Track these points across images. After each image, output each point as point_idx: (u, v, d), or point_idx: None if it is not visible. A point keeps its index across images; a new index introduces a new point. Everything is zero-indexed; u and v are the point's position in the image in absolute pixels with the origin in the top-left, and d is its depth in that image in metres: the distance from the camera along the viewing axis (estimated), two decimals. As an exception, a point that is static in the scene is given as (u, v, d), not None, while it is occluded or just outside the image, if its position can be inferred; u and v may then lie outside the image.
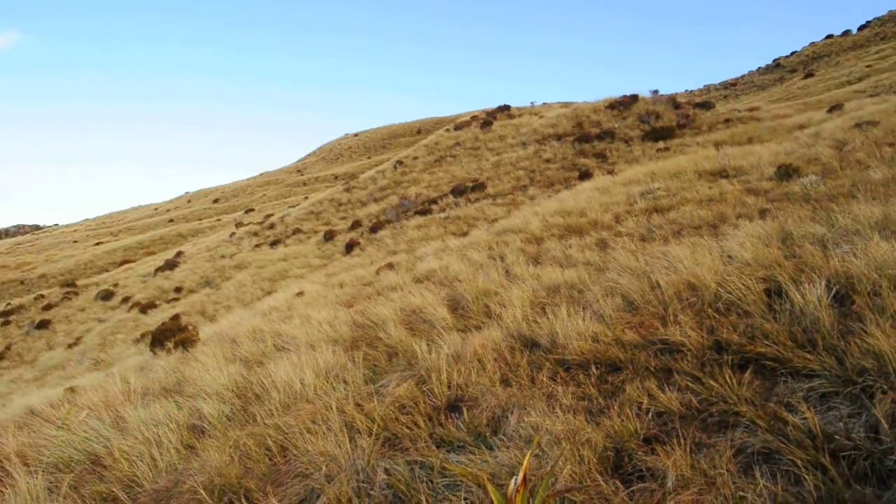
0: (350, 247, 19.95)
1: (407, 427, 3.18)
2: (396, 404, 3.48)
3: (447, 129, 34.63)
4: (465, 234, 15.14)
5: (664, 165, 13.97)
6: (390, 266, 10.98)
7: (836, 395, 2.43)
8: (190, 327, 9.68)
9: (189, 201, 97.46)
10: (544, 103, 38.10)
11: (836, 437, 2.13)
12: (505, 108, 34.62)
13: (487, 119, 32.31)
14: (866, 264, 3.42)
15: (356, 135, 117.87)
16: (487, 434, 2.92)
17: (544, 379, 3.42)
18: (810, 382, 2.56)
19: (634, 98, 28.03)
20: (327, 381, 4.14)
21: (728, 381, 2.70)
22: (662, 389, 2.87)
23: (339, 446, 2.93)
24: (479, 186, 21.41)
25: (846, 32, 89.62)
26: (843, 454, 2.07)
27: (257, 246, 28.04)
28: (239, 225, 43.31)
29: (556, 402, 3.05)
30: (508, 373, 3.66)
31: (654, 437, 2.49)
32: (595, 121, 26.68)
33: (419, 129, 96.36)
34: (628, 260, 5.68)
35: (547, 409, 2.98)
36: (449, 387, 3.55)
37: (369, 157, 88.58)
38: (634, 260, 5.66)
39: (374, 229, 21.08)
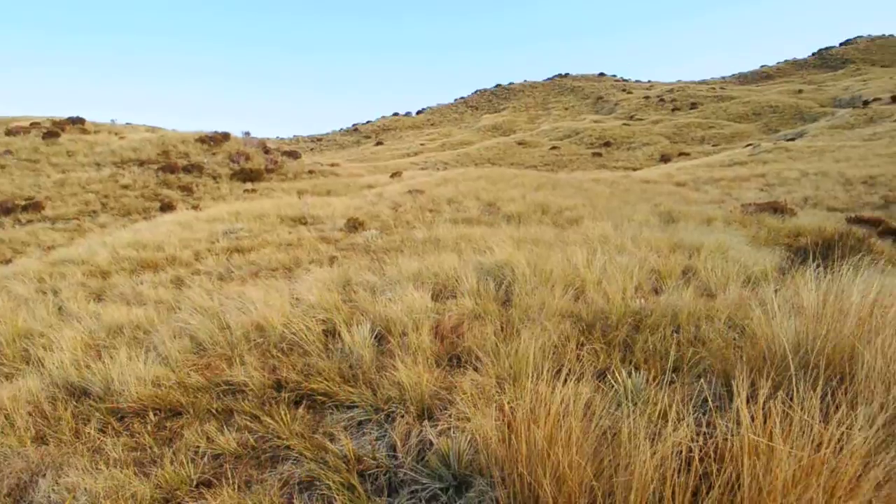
0: None
1: None
2: None
3: (-7, 133, 28.34)
4: (8, 261, 12.55)
5: (250, 206, 14.26)
6: None
7: (369, 422, 2.85)
8: None
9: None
10: (128, 123, 34.75)
11: (366, 458, 2.50)
12: (78, 121, 30.30)
13: (54, 129, 27.72)
14: (401, 309, 4.13)
15: None
16: (8, 505, 2.45)
17: (92, 432, 3.07)
18: (351, 412, 2.94)
19: (226, 136, 27.98)
20: None
21: (283, 417, 2.89)
22: (222, 431, 2.89)
23: None
24: (34, 206, 18.08)
25: (408, 113, 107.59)
26: (369, 472, 2.43)
27: None
28: None
29: (102, 457, 2.76)
30: (46, 428, 3.16)
31: (206, 482, 2.48)
32: (184, 152, 25.60)
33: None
34: (203, 299, 5.58)
35: (90, 465, 2.67)
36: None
37: None
38: (209, 300, 5.59)
39: None
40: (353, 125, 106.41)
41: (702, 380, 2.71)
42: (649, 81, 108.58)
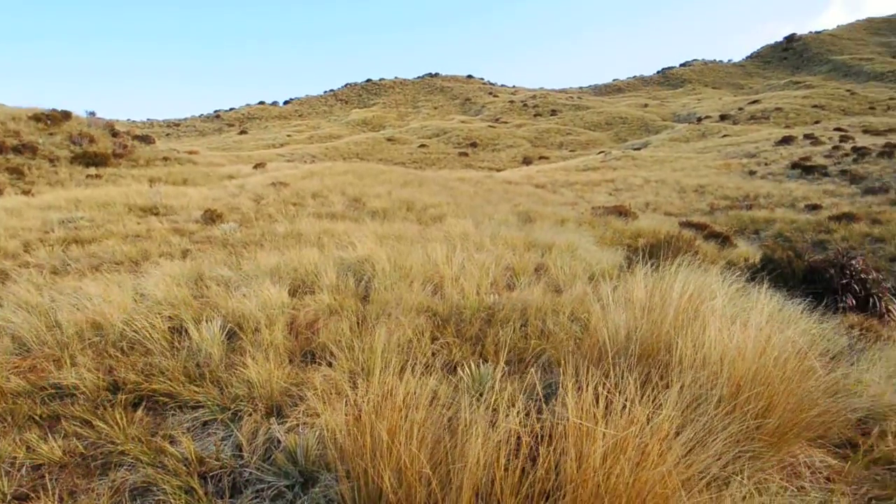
0: None
1: None
2: None
3: None
4: None
5: (93, 194, 13.07)
6: None
7: (215, 422, 2.74)
8: None
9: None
10: (-59, 95, 30.35)
11: (209, 459, 2.40)
12: None
13: None
14: (256, 305, 4.00)
15: None
16: None
17: None
18: (196, 413, 2.81)
19: (67, 115, 25.33)
20: None
21: (119, 421, 2.69)
22: (45, 439, 2.63)
23: None
24: None
25: (275, 103, 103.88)
26: (212, 474, 2.34)
27: None
28: None
29: None
30: None
31: (22, 496, 2.25)
32: (14, 130, 22.80)
33: None
34: (30, 295, 5.03)
35: None
36: None
37: None
38: (38, 295, 5.06)
39: None
40: (216, 112, 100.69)
41: (544, 369, 2.89)
42: (514, 87, 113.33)
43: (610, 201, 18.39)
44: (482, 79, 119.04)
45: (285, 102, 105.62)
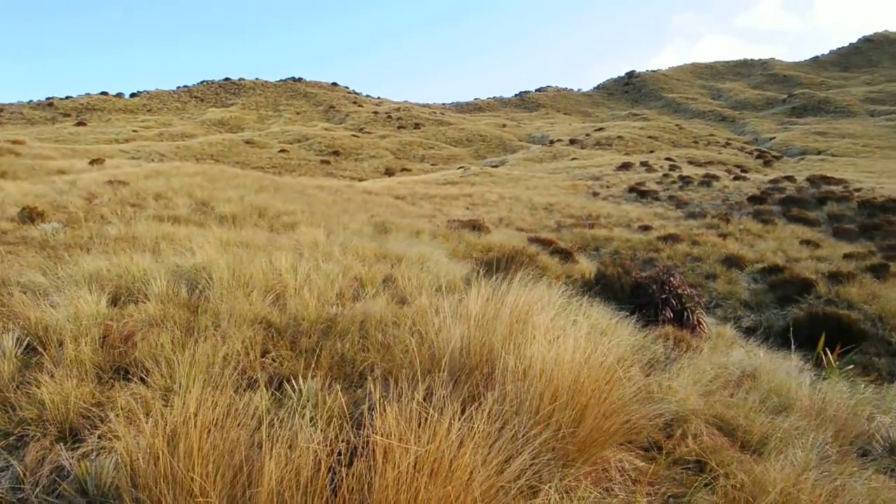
0: None
1: None
2: None
3: None
4: None
5: None
6: None
7: (-7, 450, 2.39)
8: None
9: None
10: None
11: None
12: None
13: None
14: (65, 316, 3.59)
15: None
16: None
17: None
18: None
19: None
20: None
21: None
22: None
23: None
24: None
25: (120, 94, 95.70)
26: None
27: None
28: None
29: None
30: None
31: None
32: None
33: None
34: None
35: None
36: None
37: None
38: None
39: None
40: (48, 99, 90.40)
41: (377, 382, 2.86)
42: (379, 98, 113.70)
43: (466, 215, 18.95)
44: (347, 87, 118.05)
45: (132, 95, 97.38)
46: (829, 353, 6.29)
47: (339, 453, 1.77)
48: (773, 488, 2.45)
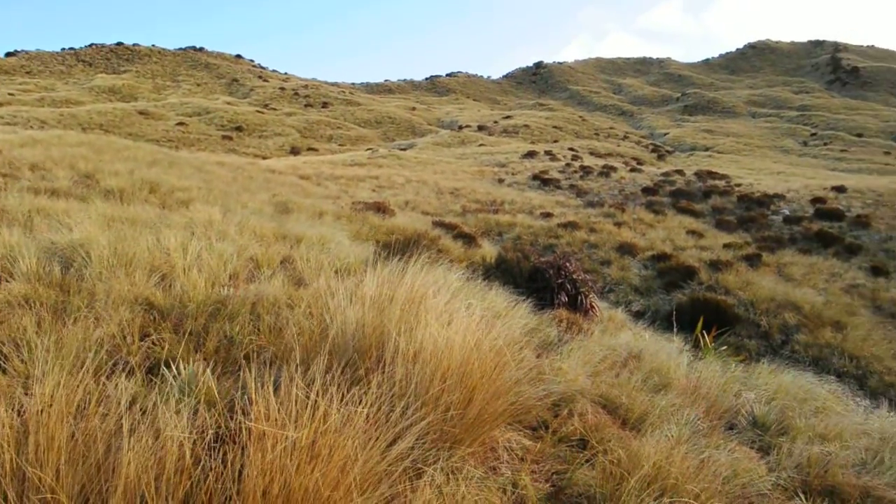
0: None
1: None
2: None
3: None
4: None
5: None
6: None
7: None
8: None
9: None
10: None
11: None
12: None
13: None
14: (-89, 295, 3.21)
15: None
16: None
17: None
18: None
19: None
20: None
21: None
22: None
23: None
24: None
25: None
26: None
27: None
28: None
29: None
30: None
31: None
32: None
33: None
34: None
35: None
36: None
37: None
38: None
39: None
40: None
41: (265, 366, 2.77)
42: (286, 73, 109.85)
43: (372, 197, 18.76)
44: (252, 61, 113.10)
45: (8, 54, 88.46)
46: (706, 335, 6.78)
47: (211, 441, 1.70)
48: (646, 462, 2.60)
